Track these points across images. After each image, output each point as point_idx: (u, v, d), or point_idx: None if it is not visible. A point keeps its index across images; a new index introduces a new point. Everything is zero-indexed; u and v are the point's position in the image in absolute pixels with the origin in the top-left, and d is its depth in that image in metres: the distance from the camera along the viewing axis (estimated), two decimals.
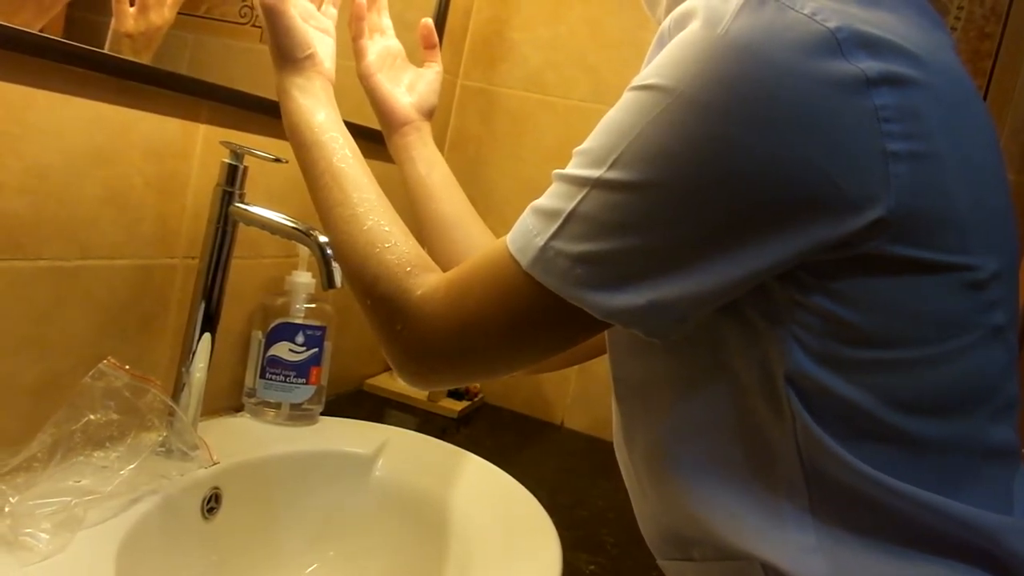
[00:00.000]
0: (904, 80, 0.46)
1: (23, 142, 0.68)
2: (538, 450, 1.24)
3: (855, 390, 0.49)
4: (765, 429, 0.52)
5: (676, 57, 0.47)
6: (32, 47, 0.66)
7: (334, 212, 0.66)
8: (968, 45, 1.12)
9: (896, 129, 0.45)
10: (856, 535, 0.50)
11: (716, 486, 0.54)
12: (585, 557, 0.86)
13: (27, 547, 0.60)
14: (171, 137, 0.83)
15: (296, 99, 0.72)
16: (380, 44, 0.86)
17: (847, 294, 0.48)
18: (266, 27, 0.72)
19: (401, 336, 0.57)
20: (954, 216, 0.48)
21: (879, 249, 0.46)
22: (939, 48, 0.52)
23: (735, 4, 0.46)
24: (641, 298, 0.48)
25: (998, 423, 0.53)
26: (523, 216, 0.53)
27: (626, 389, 0.61)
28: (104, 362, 0.73)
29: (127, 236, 0.80)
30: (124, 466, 0.71)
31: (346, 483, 0.94)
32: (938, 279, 0.48)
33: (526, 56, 1.37)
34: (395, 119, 0.85)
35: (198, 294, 0.81)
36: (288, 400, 0.98)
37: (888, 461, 0.50)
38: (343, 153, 0.69)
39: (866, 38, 0.45)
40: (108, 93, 0.75)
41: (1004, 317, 0.52)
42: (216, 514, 0.82)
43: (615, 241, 0.48)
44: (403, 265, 0.59)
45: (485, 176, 1.41)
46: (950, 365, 0.50)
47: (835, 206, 0.45)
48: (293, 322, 0.98)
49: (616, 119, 0.49)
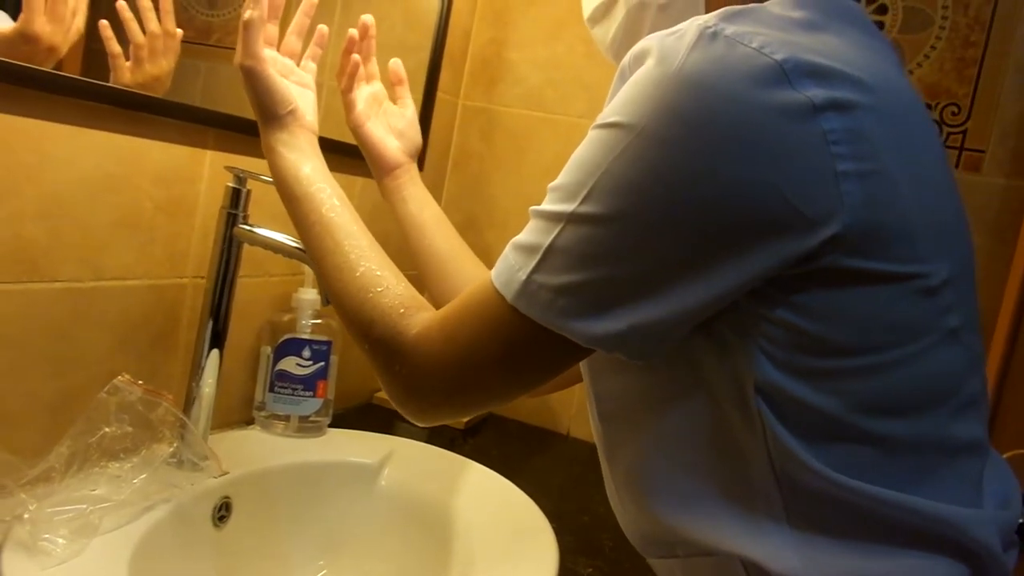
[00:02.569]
0: (849, 104, 0.48)
1: (40, 171, 0.73)
2: (544, 459, 1.26)
3: (822, 397, 0.51)
4: (738, 439, 0.54)
5: (634, 95, 0.50)
6: (47, 84, 0.71)
7: (327, 261, 0.68)
8: (953, 53, 1.14)
9: (845, 151, 0.47)
10: (829, 535, 0.53)
11: (694, 495, 0.57)
12: (584, 560, 0.89)
13: (45, 552, 0.64)
14: (179, 163, 0.87)
15: (282, 154, 0.74)
16: (366, 92, 0.90)
17: (808, 306, 0.50)
18: (246, 87, 0.75)
19: (400, 376, 0.59)
20: (905, 228, 0.50)
21: (836, 263, 0.49)
22: (884, 68, 0.54)
23: (687, 42, 0.49)
24: (621, 323, 0.50)
25: (962, 419, 0.55)
26: (505, 252, 0.55)
27: (606, 406, 0.63)
28: (118, 378, 0.76)
29: (139, 258, 0.84)
30: (137, 476, 0.75)
31: (353, 492, 0.97)
32: (893, 288, 0.50)
33: (525, 75, 1.41)
34: (386, 164, 0.90)
35: (206, 312, 0.85)
36: (296, 412, 1.01)
37: (858, 463, 0.52)
38: (331, 203, 0.71)
39: (812, 67, 0.48)
40: (119, 124, 0.79)
41: (959, 319, 0.54)
42: (227, 522, 0.85)
43: (592, 271, 0.50)
44: (397, 307, 0.61)
45: (487, 193, 1.45)
46: (910, 368, 0.52)
47: (794, 225, 0.47)
48: (300, 337, 1.02)
49: (584, 156, 0.52)
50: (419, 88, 1.33)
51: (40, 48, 0.71)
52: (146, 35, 0.83)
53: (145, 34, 0.83)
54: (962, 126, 1.14)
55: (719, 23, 0.49)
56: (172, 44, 0.85)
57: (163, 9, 0.84)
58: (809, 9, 0.54)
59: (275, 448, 0.97)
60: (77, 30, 0.74)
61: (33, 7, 0.70)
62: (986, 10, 1.12)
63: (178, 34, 0.86)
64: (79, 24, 0.74)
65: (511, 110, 1.43)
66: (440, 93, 1.37)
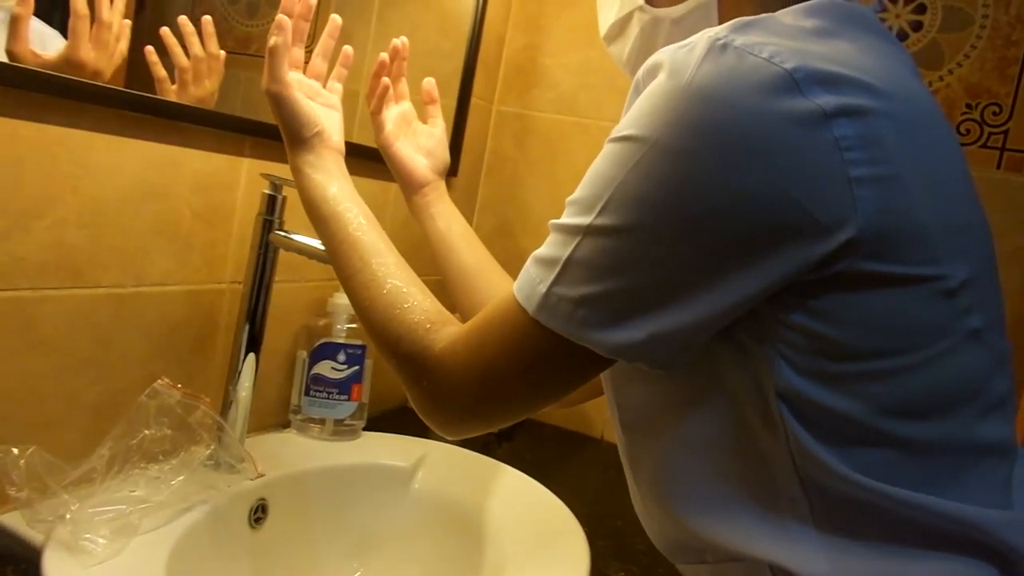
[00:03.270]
0: (861, 110, 0.48)
1: (83, 181, 0.75)
2: (578, 463, 1.26)
3: (844, 401, 0.51)
4: (762, 444, 0.54)
5: (647, 108, 0.50)
6: (90, 95, 0.73)
7: (354, 279, 0.69)
8: (995, 52, 1.12)
9: (857, 156, 0.48)
10: (857, 537, 0.52)
11: (719, 502, 0.57)
12: (617, 565, 0.89)
13: (86, 551, 0.66)
14: (217, 171, 0.89)
15: (309, 176, 0.75)
16: (396, 112, 0.92)
17: (827, 311, 0.50)
18: (273, 111, 0.76)
19: (427, 390, 0.60)
20: (921, 230, 0.50)
21: (853, 267, 0.49)
22: (899, 73, 0.54)
23: (698, 54, 0.49)
24: (641, 333, 0.51)
25: (988, 420, 0.54)
26: (526, 265, 0.56)
27: (629, 416, 0.63)
28: (158, 381, 0.78)
29: (178, 264, 0.86)
30: (175, 477, 0.77)
31: (386, 495, 0.98)
32: (911, 290, 0.50)
33: (558, 81, 1.42)
34: (415, 183, 0.91)
35: (243, 317, 0.87)
36: (332, 416, 1.03)
37: (882, 466, 0.52)
38: (358, 222, 0.72)
39: (822, 75, 0.48)
40: (159, 133, 0.81)
41: (980, 320, 0.53)
42: (263, 524, 0.87)
43: (610, 282, 0.51)
44: (423, 323, 0.62)
45: (522, 197, 1.45)
46: (932, 370, 0.51)
47: (809, 231, 0.48)
48: (335, 342, 1.03)
49: (600, 169, 0.52)
50: (453, 94, 1.34)
51: (85, 73, 0.74)
52: (190, 59, 0.85)
53: (189, 58, 0.85)
54: (1004, 126, 1.12)
55: (729, 34, 0.50)
56: (216, 66, 0.88)
57: (206, 32, 0.87)
58: (821, 17, 0.55)
59: (310, 451, 0.99)
60: (120, 53, 0.77)
61: (78, 34, 0.72)
62: None
63: (222, 55, 0.88)
64: (123, 48, 0.77)
65: (545, 115, 1.43)
66: (474, 99, 1.38)
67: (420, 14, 1.26)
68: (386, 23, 1.19)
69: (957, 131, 1.15)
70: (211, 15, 0.90)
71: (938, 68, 1.16)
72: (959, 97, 1.15)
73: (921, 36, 1.17)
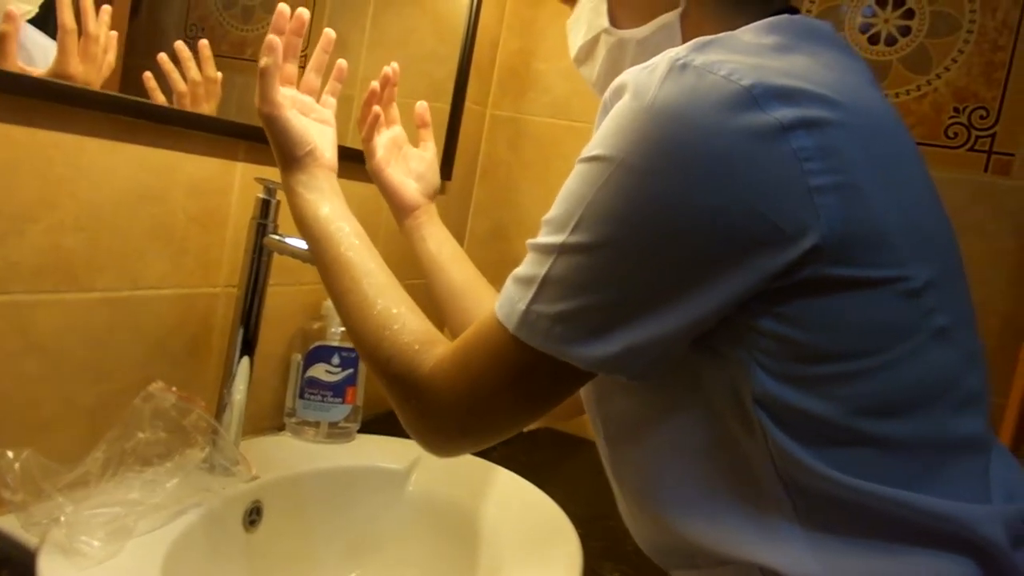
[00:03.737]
0: (818, 122, 0.50)
1: (78, 185, 0.75)
2: (573, 466, 1.27)
3: (818, 403, 0.52)
4: (743, 448, 0.55)
5: (613, 128, 0.52)
6: (84, 100, 0.74)
7: (346, 299, 0.70)
8: (981, 57, 1.13)
9: (817, 167, 0.49)
10: (841, 535, 0.54)
11: (705, 507, 0.58)
12: (610, 566, 0.89)
13: (82, 553, 0.66)
14: (211, 175, 0.90)
15: (301, 195, 0.76)
16: (386, 137, 0.93)
17: (796, 316, 0.51)
18: (266, 131, 0.77)
19: (417, 411, 0.61)
20: (882, 235, 0.52)
21: (818, 273, 0.50)
22: (856, 85, 0.56)
23: (659, 75, 0.51)
24: (617, 346, 0.52)
25: (961, 416, 0.56)
26: (506, 284, 0.58)
27: (612, 428, 0.64)
28: (153, 385, 0.79)
29: (173, 267, 0.87)
30: (170, 480, 0.77)
31: (381, 497, 0.99)
32: (875, 293, 0.52)
33: (552, 85, 1.42)
34: (406, 206, 0.93)
35: (237, 320, 0.87)
36: (326, 419, 1.03)
37: (860, 464, 0.53)
38: (350, 242, 0.72)
39: (779, 90, 0.50)
40: (153, 137, 0.82)
41: (946, 319, 0.55)
42: (258, 526, 0.87)
43: (585, 298, 0.53)
44: (412, 344, 0.63)
45: (515, 201, 1.46)
46: (901, 369, 0.53)
47: (774, 240, 0.49)
48: (330, 345, 1.03)
49: (571, 189, 0.54)
50: (448, 98, 1.35)
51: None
52: (187, 83, 0.86)
53: (187, 82, 0.86)
54: (991, 129, 1.13)
55: (689, 54, 0.51)
56: (214, 89, 0.89)
57: (203, 56, 0.88)
58: (780, 33, 0.57)
59: (305, 453, 0.99)
60: (109, 65, 0.77)
61: (66, 49, 0.73)
62: (1014, 13, 1.11)
63: (219, 78, 0.89)
64: (110, 59, 0.78)
65: (538, 119, 1.44)
66: (468, 103, 1.39)
67: (414, 19, 1.27)
68: (380, 28, 1.20)
69: (945, 135, 1.17)
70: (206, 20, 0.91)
71: (926, 72, 1.17)
72: (947, 101, 1.16)
73: (909, 41, 1.18)
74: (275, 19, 0.76)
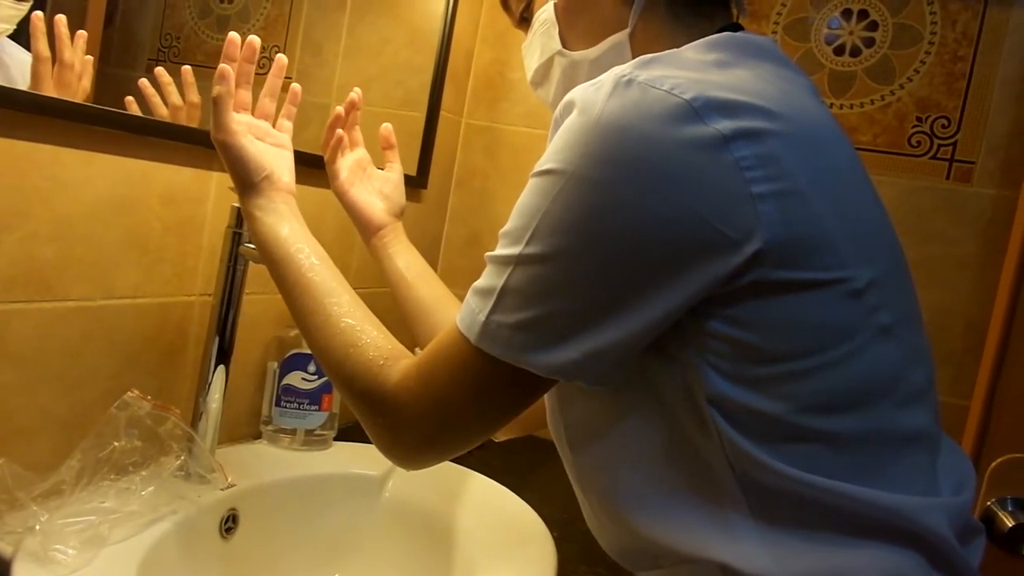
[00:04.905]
0: (758, 132, 0.52)
1: (52, 195, 0.76)
2: (546, 471, 1.28)
3: (768, 402, 0.54)
4: (699, 449, 0.57)
5: (563, 143, 0.54)
6: (58, 111, 0.74)
7: (309, 320, 0.70)
8: (943, 67, 1.16)
9: (757, 175, 0.51)
10: (793, 530, 0.55)
11: (667, 507, 0.59)
12: (585, 568, 0.90)
13: (56, 561, 0.66)
14: (187, 185, 0.90)
15: (260, 219, 0.76)
16: (350, 159, 0.95)
17: (743, 319, 0.53)
18: (222, 158, 0.78)
19: (384, 425, 0.63)
20: (823, 238, 0.54)
21: (763, 276, 0.52)
22: (795, 96, 0.59)
23: (605, 91, 0.53)
24: (576, 352, 0.54)
25: (907, 411, 0.58)
26: (467, 297, 0.59)
27: (574, 433, 0.66)
28: (128, 393, 0.79)
29: (148, 277, 0.87)
30: (145, 488, 0.77)
31: (357, 504, 0.99)
32: (819, 294, 0.54)
33: (526, 95, 1.44)
34: (372, 226, 0.95)
35: (213, 329, 0.88)
36: (302, 426, 1.03)
37: (809, 459, 0.55)
38: (310, 263, 0.73)
39: (719, 102, 0.52)
40: (129, 148, 0.82)
41: (890, 317, 0.57)
42: (233, 534, 0.87)
43: (542, 307, 0.54)
44: (376, 359, 0.64)
45: (491, 208, 1.47)
46: (846, 366, 0.55)
47: (719, 246, 0.51)
48: (305, 352, 1.04)
49: (526, 202, 0.56)
50: (423, 107, 1.36)
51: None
52: (169, 108, 0.87)
53: (168, 107, 0.87)
54: (952, 138, 1.16)
55: (633, 71, 0.54)
56: (195, 114, 0.90)
57: (186, 83, 0.89)
58: (721, 50, 0.59)
59: (281, 461, 0.99)
60: (84, 91, 0.78)
61: (41, 77, 0.74)
62: (973, 25, 1.14)
63: (198, 102, 0.90)
64: (85, 85, 0.78)
65: (513, 128, 1.46)
66: (443, 112, 1.40)
67: (390, 29, 1.28)
68: (356, 37, 1.21)
69: (908, 143, 1.20)
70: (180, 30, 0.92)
71: (890, 83, 1.20)
72: (910, 111, 1.19)
73: (873, 52, 1.21)
74: (226, 47, 0.77)
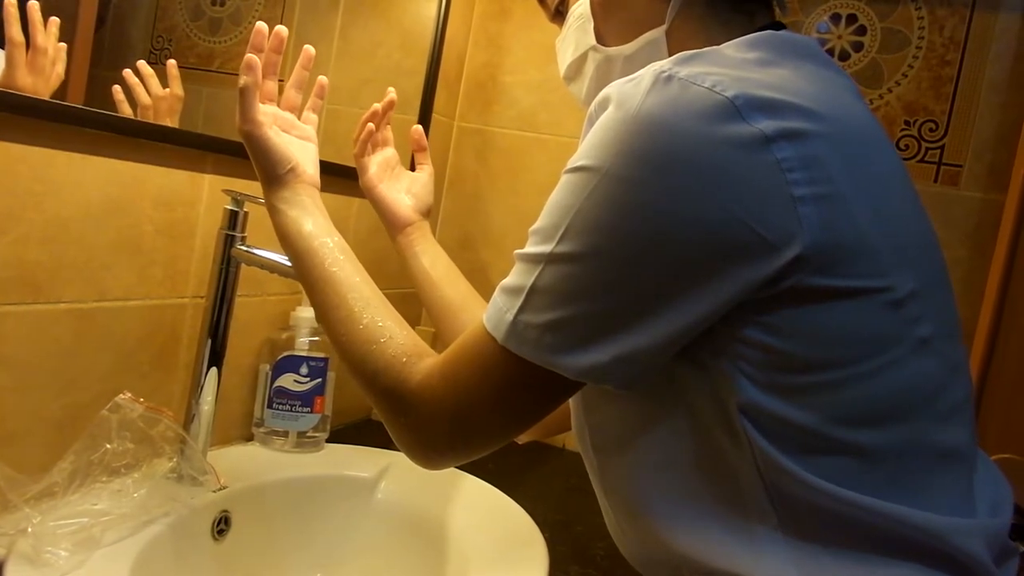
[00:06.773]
0: (801, 133, 0.51)
1: (45, 198, 0.76)
2: (540, 472, 1.28)
3: (803, 412, 0.52)
4: (728, 458, 0.55)
5: (598, 139, 0.52)
6: (51, 113, 0.74)
7: (331, 315, 0.69)
8: (930, 72, 1.17)
9: (799, 177, 0.50)
10: (822, 545, 0.53)
11: (692, 516, 0.57)
12: (577, 569, 0.91)
13: (48, 564, 0.66)
14: (179, 187, 0.90)
15: (284, 212, 0.75)
16: (380, 157, 0.95)
17: (779, 326, 0.52)
18: (248, 150, 0.76)
19: (407, 424, 0.61)
20: (865, 244, 0.52)
21: (802, 282, 0.50)
22: (838, 97, 0.57)
23: (644, 86, 0.51)
24: (606, 355, 0.52)
25: (944, 426, 0.56)
26: (494, 295, 0.58)
27: (599, 438, 0.64)
28: (120, 396, 0.79)
29: (140, 279, 0.87)
30: (138, 490, 0.77)
31: (350, 506, 0.99)
32: (858, 302, 0.52)
33: (518, 98, 1.45)
34: (398, 222, 0.94)
35: (205, 331, 0.88)
36: (295, 428, 1.04)
37: (842, 473, 0.53)
38: (334, 257, 0.72)
39: (762, 101, 0.50)
40: (121, 150, 0.82)
41: (930, 329, 0.55)
42: (226, 535, 0.87)
43: (573, 307, 0.53)
44: (399, 357, 0.63)
45: (483, 211, 1.48)
46: (883, 378, 0.53)
47: (757, 249, 0.50)
48: (298, 355, 1.04)
49: (558, 199, 0.54)
50: (415, 110, 1.36)
51: None
52: (152, 97, 0.87)
53: (151, 96, 0.87)
54: (940, 142, 1.17)
55: (673, 67, 0.52)
56: (177, 105, 0.90)
57: (171, 76, 0.90)
58: (762, 48, 0.57)
59: (274, 463, 0.99)
60: (58, 76, 0.78)
61: (14, 62, 0.73)
62: (960, 30, 1.15)
63: (181, 95, 0.90)
64: (59, 71, 0.78)
65: (505, 131, 1.46)
66: (436, 115, 1.41)
67: (382, 32, 1.29)
68: (348, 40, 1.21)
69: (897, 146, 1.21)
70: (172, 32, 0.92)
71: (878, 87, 1.21)
72: (898, 115, 1.20)
73: (862, 56, 1.22)
74: (253, 37, 0.76)
